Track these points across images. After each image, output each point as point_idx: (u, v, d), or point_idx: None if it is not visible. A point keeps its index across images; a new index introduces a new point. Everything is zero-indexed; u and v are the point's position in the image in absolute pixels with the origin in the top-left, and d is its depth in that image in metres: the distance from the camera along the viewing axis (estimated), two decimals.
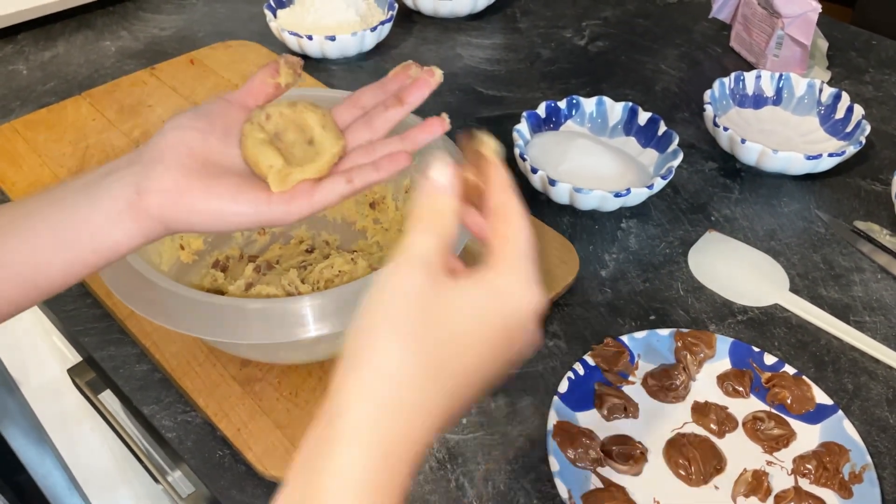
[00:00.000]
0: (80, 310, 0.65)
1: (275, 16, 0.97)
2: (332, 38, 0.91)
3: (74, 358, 0.74)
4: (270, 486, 0.53)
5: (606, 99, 0.81)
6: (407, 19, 1.05)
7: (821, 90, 0.84)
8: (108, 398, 0.76)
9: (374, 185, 0.45)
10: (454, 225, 0.35)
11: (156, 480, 0.76)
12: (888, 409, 0.58)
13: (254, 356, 0.57)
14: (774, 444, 0.55)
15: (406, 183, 0.63)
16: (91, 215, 0.41)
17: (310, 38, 0.91)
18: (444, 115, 0.46)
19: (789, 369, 0.59)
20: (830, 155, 0.74)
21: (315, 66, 0.94)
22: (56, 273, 0.42)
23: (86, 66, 0.95)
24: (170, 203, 0.40)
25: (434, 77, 0.45)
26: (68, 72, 0.94)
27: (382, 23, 0.94)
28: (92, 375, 0.73)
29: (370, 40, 0.94)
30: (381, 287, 0.33)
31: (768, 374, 0.59)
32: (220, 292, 0.59)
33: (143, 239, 0.42)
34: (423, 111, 0.92)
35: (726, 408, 0.57)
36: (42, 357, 0.90)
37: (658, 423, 0.57)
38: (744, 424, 0.56)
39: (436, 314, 0.32)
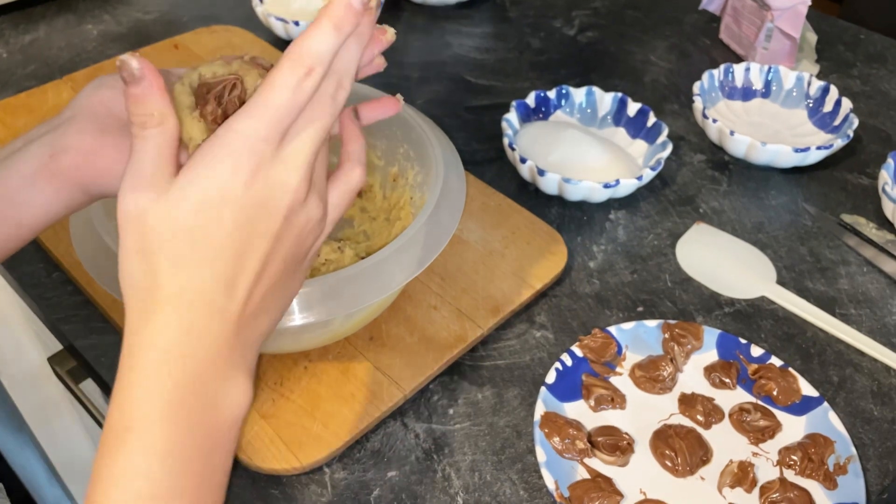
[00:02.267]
0: (60, 298, 0.64)
1: (261, 1, 0.96)
2: None
3: (55, 346, 0.73)
4: (255, 477, 0.52)
5: (596, 89, 0.81)
6: (395, 7, 1.04)
7: (809, 83, 0.84)
8: (89, 387, 0.75)
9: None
10: (168, 116, 0.33)
11: None
12: (873, 401, 0.58)
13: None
14: (760, 435, 0.55)
15: (393, 171, 0.62)
16: (8, 181, 0.39)
17: (296, 23, 0.90)
18: (399, 97, 0.45)
19: (776, 361, 0.59)
20: (818, 148, 0.74)
21: None
22: None
23: (67, 50, 0.93)
24: (83, 163, 0.39)
25: (386, 35, 0.41)
26: (49, 55, 0.92)
27: None
28: (73, 364, 0.72)
29: None
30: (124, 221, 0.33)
31: (755, 366, 0.59)
32: None
33: (63, 205, 0.40)
34: (413, 100, 0.91)
35: (713, 399, 0.57)
36: (22, 345, 0.89)
37: (645, 414, 0.57)
38: (730, 416, 0.57)
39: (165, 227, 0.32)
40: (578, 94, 0.81)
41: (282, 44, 0.94)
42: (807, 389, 0.57)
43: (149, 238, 0.32)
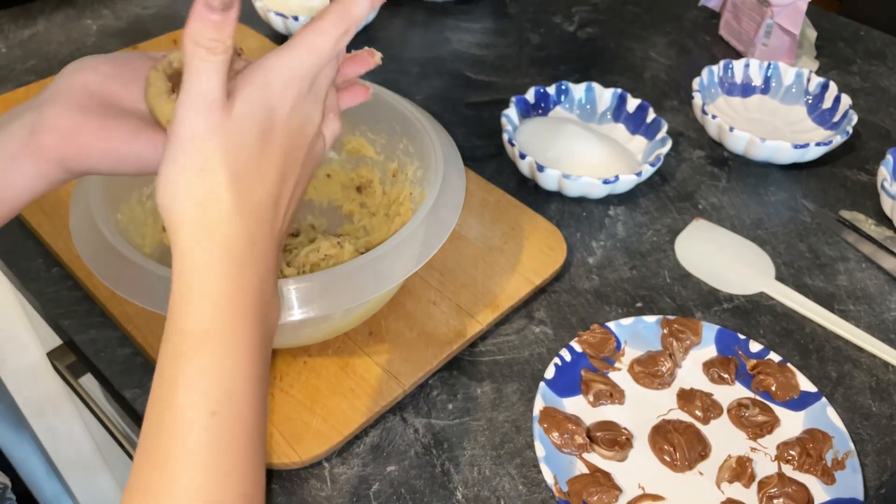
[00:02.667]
0: (60, 293, 0.64)
1: None
2: None
3: (54, 341, 0.73)
4: None
5: (596, 85, 0.81)
6: (395, 2, 1.04)
7: (809, 80, 0.84)
8: (88, 382, 0.76)
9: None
10: (230, 48, 0.35)
11: None
12: (871, 396, 0.58)
13: None
14: (759, 430, 0.55)
15: (393, 167, 0.62)
16: None
17: (296, 19, 0.89)
18: (375, 51, 0.47)
19: (774, 357, 0.59)
20: (817, 144, 0.74)
21: None
22: None
23: (66, 45, 0.93)
24: (65, 142, 0.39)
25: (374, 58, 0.47)
26: (48, 50, 0.92)
27: None
28: (72, 359, 0.72)
29: None
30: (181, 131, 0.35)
31: (753, 362, 0.59)
32: None
33: (43, 181, 0.40)
34: (412, 95, 0.91)
35: (711, 394, 0.57)
36: (21, 340, 0.89)
37: (644, 410, 0.57)
38: (729, 411, 0.57)
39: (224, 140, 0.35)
40: (578, 90, 0.81)
41: (280, 39, 0.94)
42: (805, 385, 0.57)
43: (212, 157, 0.35)
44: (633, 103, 0.79)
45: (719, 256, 0.69)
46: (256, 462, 0.34)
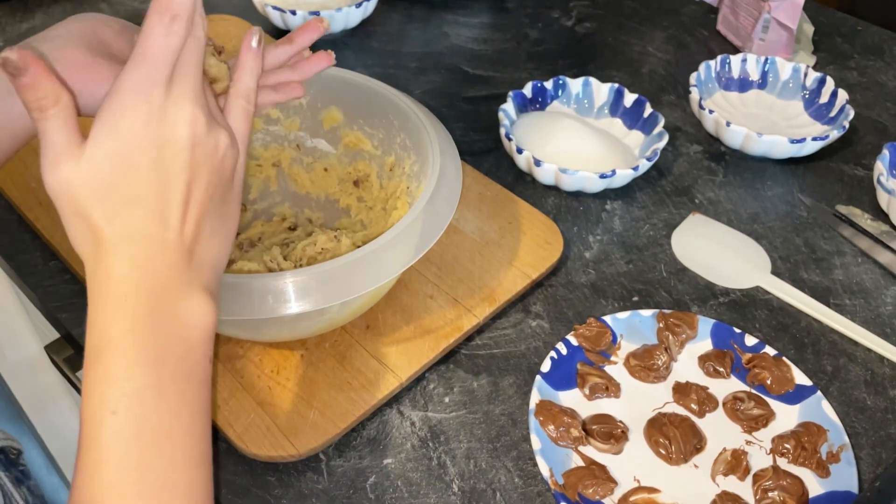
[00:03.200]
0: (57, 286, 0.64)
1: None
2: (317, 14, 0.89)
3: (52, 335, 0.73)
4: (251, 464, 0.52)
5: (593, 80, 0.81)
6: None
7: (806, 75, 0.84)
8: None
9: (271, 106, 0.51)
10: (60, 95, 0.35)
11: None
12: (866, 390, 0.58)
13: (234, 333, 0.56)
14: (754, 423, 0.55)
15: (390, 160, 0.62)
16: None
17: (293, 13, 0.89)
18: (331, 52, 0.52)
19: (770, 350, 0.59)
20: (814, 139, 0.75)
21: None
22: None
23: None
24: (76, 74, 0.41)
25: (322, 23, 0.51)
26: None
27: None
28: (70, 352, 0.72)
29: (355, 17, 0.93)
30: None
31: (749, 355, 0.59)
32: None
33: None
34: (410, 90, 0.91)
35: (707, 388, 0.58)
36: (19, 334, 0.89)
37: (639, 403, 0.57)
38: (724, 404, 0.57)
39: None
40: (575, 85, 0.81)
41: (279, 33, 0.93)
42: (800, 379, 0.58)
43: (79, 201, 0.35)
44: (630, 98, 0.79)
45: (716, 251, 0.69)
46: (175, 459, 0.35)
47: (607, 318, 0.61)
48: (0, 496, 0.58)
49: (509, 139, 0.72)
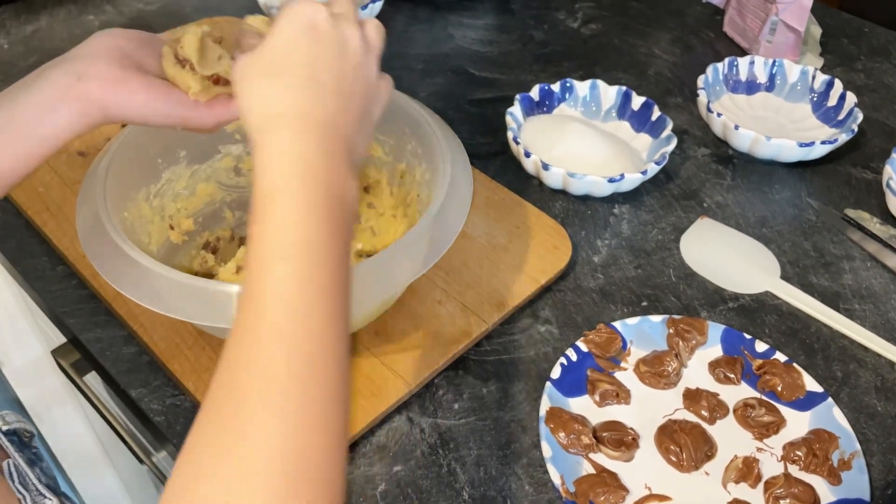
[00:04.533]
0: (65, 290, 0.64)
1: None
2: None
3: (58, 339, 0.73)
4: None
5: (600, 82, 0.81)
6: None
7: (814, 77, 0.84)
8: (92, 380, 0.76)
9: None
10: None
11: (140, 461, 0.75)
12: (877, 396, 0.58)
13: None
14: (765, 430, 0.55)
15: (401, 167, 0.62)
16: (31, 103, 0.44)
17: None
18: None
19: (780, 357, 0.59)
20: (822, 143, 0.74)
21: None
22: (5, 165, 0.45)
23: (69, 41, 0.92)
24: (110, 89, 0.45)
25: None
26: (51, 46, 0.91)
27: (373, 0, 0.92)
28: (77, 357, 0.72)
29: None
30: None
31: (759, 362, 0.59)
32: (210, 274, 0.59)
33: (84, 124, 0.45)
34: (416, 93, 0.91)
35: (717, 394, 0.57)
36: (25, 338, 0.89)
37: (650, 410, 0.57)
38: (735, 411, 0.57)
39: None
40: (582, 88, 0.81)
41: None
42: (811, 385, 0.57)
43: (252, 80, 0.41)
44: (637, 101, 0.79)
45: (724, 255, 0.69)
46: (337, 311, 0.36)
47: (617, 324, 0.61)
48: (16, 475, 0.58)
49: (517, 143, 0.72)
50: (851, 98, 0.80)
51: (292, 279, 0.35)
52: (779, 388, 0.57)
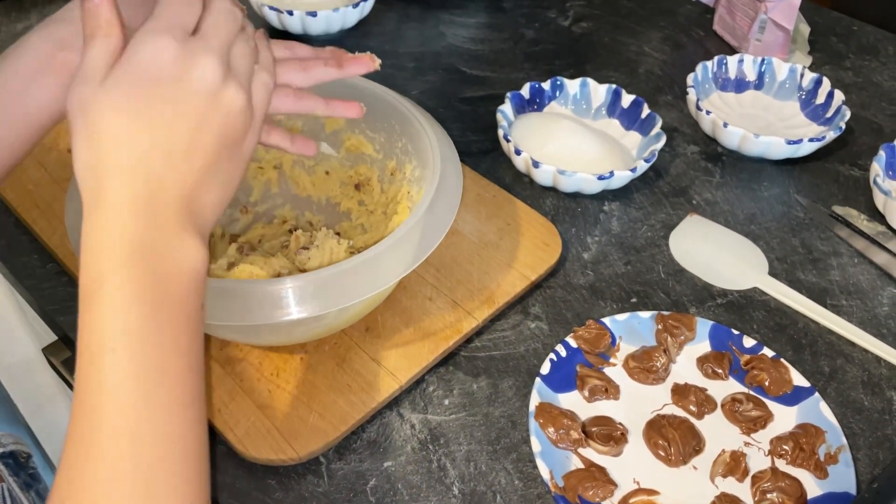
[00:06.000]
0: (55, 288, 0.64)
1: None
2: (314, 14, 0.89)
3: (49, 337, 0.73)
4: (252, 467, 0.52)
5: (590, 81, 0.81)
6: None
7: (802, 75, 0.85)
8: None
9: (317, 113, 0.49)
10: (114, 29, 0.37)
11: None
12: (863, 391, 0.59)
13: (233, 337, 0.56)
14: (752, 425, 0.56)
15: (391, 165, 0.62)
16: (13, 78, 0.42)
17: (290, 13, 0.89)
18: (376, 57, 0.49)
19: (768, 352, 0.60)
20: (811, 140, 0.75)
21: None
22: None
23: None
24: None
25: (374, 63, 0.49)
26: None
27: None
28: (68, 354, 0.72)
29: (352, 17, 0.93)
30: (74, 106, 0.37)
31: (747, 357, 0.59)
32: None
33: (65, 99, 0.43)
34: (407, 91, 0.91)
35: (705, 389, 0.58)
36: (16, 336, 0.89)
37: (638, 405, 0.57)
38: (722, 406, 0.57)
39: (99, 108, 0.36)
40: (573, 86, 0.81)
41: (276, 34, 0.93)
42: (798, 380, 0.58)
43: (93, 123, 0.36)
44: (627, 99, 0.80)
45: (713, 252, 0.70)
46: (183, 392, 0.35)
47: (606, 320, 0.61)
48: (10, 500, 0.58)
49: (507, 140, 0.72)
50: (839, 96, 0.81)
51: (125, 370, 0.33)
52: (766, 383, 0.58)
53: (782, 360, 0.59)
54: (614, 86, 0.80)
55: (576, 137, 0.75)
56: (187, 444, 0.35)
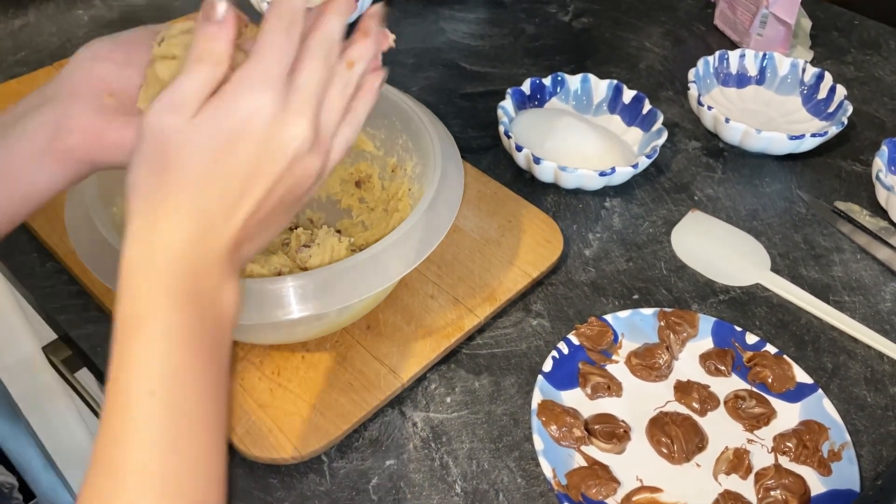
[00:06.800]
0: (55, 287, 0.63)
1: None
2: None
3: (49, 336, 0.73)
4: (253, 467, 0.52)
5: (591, 76, 0.81)
6: None
7: (804, 70, 0.84)
8: (84, 376, 0.75)
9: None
10: (224, 62, 0.36)
11: None
12: (866, 387, 0.59)
13: (234, 336, 0.56)
14: (755, 422, 0.55)
15: (392, 162, 0.62)
16: (11, 161, 0.41)
17: None
18: (389, 33, 0.44)
19: (770, 348, 0.59)
20: (813, 135, 0.74)
21: None
22: (6, 210, 0.42)
23: (57, 36, 0.92)
24: (91, 142, 0.40)
25: (388, 39, 0.44)
26: (39, 41, 0.91)
27: None
28: (68, 354, 0.72)
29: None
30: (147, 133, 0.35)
31: (750, 354, 0.59)
32: None
33: (68, 179, 0.42)
34: (407, 87, 0.91)
35: (708, 386, 0.58)
36: (16, 335, 0.89)
37: (641, 402, 0.57)
38: (725, 403, 0.57)
39: (183, 149, 0.35)
40: (574, 82, 0.81)
41: None
42: (801, 376, 0.58)
43: (169, 154, 0.35)
44: (628, 94, 0.79)
45: (715, 248, 0.69)
46: (213, 441, 0.35)
47: (608, 317, 0.61)
48: None
49: (508, 137, 0.72)
50: (841, 91, 0.80)
51: (161, 416, 0.33)
52: (769, 380, 0.57)
53: (785, 356, 0.59)
54: (615, 81, 0.80)
55: (577, 133, 0.74)
56: (211, 485, 0.34)
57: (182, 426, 0.33)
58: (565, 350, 0.59)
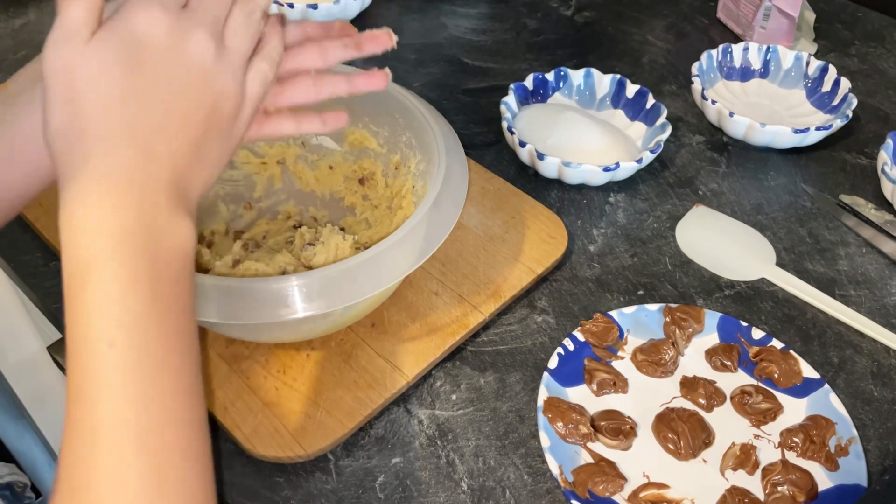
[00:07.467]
0: (58, 286, 0.63)
1: None
2: (315, 7, 0.88)
3: (54, 335, 0.73)
4: (259, 465, 0.52)
5: (594, 71, 0.80)
6: None
7: (808, 63, 0.84)
8: None
9: (339, 95, 0.46)
10: None
11: None
12: (873, 382, 0.58)
13: (239, 335, 0.56)
14: (762, 417, 0.55)
15: (396, 159, 0.62)
16: (12, 139, 0.40)
17: (291, 5, 0.88)
18: (388, 70, 0.47)
19: (777, 343, 0.59)
20: (817, 129, 0.74)
21: None
22: (14, 190, 0.42)
23: None
24: None
25: (391, 40, 0.46)
26: (40, 40, 0.90)
27: None
28: None
29: (353, 8, 0.92)
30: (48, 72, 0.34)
31: (756, 349, 0.59)
32: (206, 269, 0.58)
33: None
34: (410, 83, 0.90)
35: (714, 382, 0.58)
36: (20, 334, 0.89)
37: (647, 398, 0.57)
38: (732, 398, 0.57)
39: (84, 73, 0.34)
40: (577, 77, 0.81)
41: None
42: (807, 371, 0.57)
43: (76, 85, 0.33)
44: (632, 89, 0.79)
45: (720, 242, 0.69)
46: (182, 380, 0.33)
47: (613, 313, 0.61)
48: None
49: (511, 132, 0.72)
50: (846, 84, 0.80)
51: (126, 366, 0.31)
52: (775, 375, 0.57)
53: (791, 351, 0.59)
54: (619, 76, 0.80)
55: (580, 129, 0.74)
56: (190, 429, 0.33)
57: (150, 374, 0.32)
58: (570, 346, 0.58)
